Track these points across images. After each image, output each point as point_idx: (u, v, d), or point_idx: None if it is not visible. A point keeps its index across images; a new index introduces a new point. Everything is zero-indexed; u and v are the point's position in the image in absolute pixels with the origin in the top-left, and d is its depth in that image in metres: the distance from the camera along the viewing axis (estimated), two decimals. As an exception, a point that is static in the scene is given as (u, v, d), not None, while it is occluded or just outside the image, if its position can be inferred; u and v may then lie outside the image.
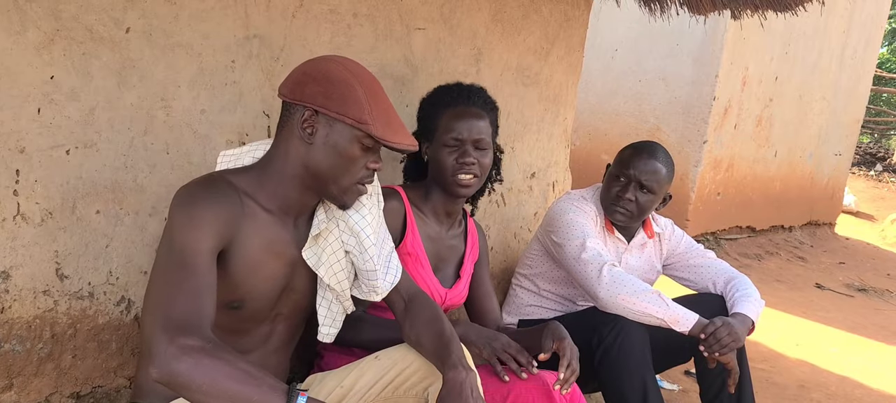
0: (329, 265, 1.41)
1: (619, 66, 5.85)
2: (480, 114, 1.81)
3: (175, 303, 1.14)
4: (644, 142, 2.23)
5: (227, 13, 1.62)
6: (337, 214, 1.42)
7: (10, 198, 1.39)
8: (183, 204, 1.23)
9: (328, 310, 1.46)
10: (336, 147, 1.31)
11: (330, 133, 1.30)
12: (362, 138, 1.31)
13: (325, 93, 1.30)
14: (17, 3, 1.33)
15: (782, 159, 6.63)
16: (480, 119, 1.80)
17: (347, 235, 1.42)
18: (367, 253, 1.42)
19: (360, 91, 1.31)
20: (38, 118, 1.39)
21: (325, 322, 1.46)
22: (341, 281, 1.43)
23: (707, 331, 1.94)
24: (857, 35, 7.17)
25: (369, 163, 1.35)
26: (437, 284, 1.84)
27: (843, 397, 3.21)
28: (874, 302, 5.41)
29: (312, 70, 1.33)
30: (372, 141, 1.32)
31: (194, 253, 1.19)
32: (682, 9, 2.53)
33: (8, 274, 1.41)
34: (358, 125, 1.30)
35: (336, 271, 1.42)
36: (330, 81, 1.31)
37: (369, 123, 1.30)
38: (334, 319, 1.47)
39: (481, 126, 1.80)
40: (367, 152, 1.34)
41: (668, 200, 2.27)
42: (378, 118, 1.31)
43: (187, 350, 1.08)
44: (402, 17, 2.03)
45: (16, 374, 1.46)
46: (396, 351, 1.43)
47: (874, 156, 13.54)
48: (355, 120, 1.29)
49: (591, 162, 5.81)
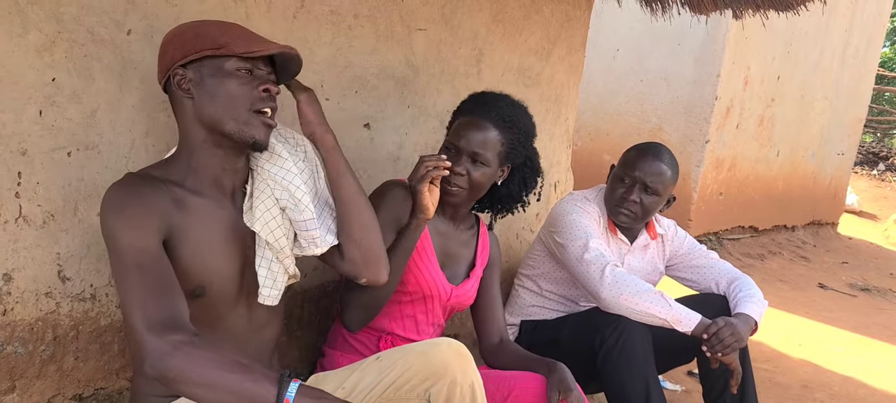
0: (264, 222, 1.39)
1: (621, 66, 5.85)
2: (487, 127, 1.74)
3: (148, 304, 1.17)
4: (649, 144, 2.23)
5: (227, 15, 1.62)
6: (265, 174, 1.42)
7: (12, 200, 1.39)
8: (112, 209, 1.23)
9: (268, 271, 1.43)
10: (214, 86, 1.31)
11: (202, 77, 1.31)
12: (227, 62, 1.31)
13: (179, 45, 1.32)
14: (18, 5, 1.33)
15: (784, 159, 6.62)
16: (484, 131, 1.73)
17: (280, 190, 1.41)
18: (300, 204, 1.41)
19: (210, 26, 1.33)
20: (39, 120, 1.39)
21: (266, 283, 1.43)
22: (278, 238, 1.41)
23: (710, 331, 1.94)
24: (859, 34, 7.16)
25: (260, 85, 1.33)
26: (442, 279, 1.82)
27: (846, 397, 3.20)
28: (877, 301, 5.40)
29: (163, 42, 1.36)
30: (240, 62, 1.31)
31: (142, 252, 1.21)
32: (684, 8, 2.53)
33: (10, 277, 1.41)
34: (217, 52, 1.29)
35: (272, 228, 1.40)
36: (179, 35, 1.34)
37: (228, 43, 1.30)
38: (274, 280, 1.44)
39: (482, 138, 1.73)
40: (246, 77, 1.32)
41: (672, 202, 2.27)
42: (236, 38, 1.31)
43: (177, 345, 1.12)
44: (403, 18, 2.03)
45: (18, 376, 1.46)
46: (397, 352, 1.42)
47: (877, 156, 13.52)
48: (213, 47, 1.29)
49: (592, 162, 5.80)
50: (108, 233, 1.23)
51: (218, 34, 1.32)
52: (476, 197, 1.81)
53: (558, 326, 2.18)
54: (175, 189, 1.32)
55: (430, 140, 2.21)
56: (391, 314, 1.79)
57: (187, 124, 1.35)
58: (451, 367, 1.37)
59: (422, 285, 1.78)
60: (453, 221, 1.88)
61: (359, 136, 2.01)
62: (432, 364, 1.37)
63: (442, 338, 1.44)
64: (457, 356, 1.39)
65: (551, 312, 2.28)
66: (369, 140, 2.04)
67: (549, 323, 2.24)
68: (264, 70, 1.36)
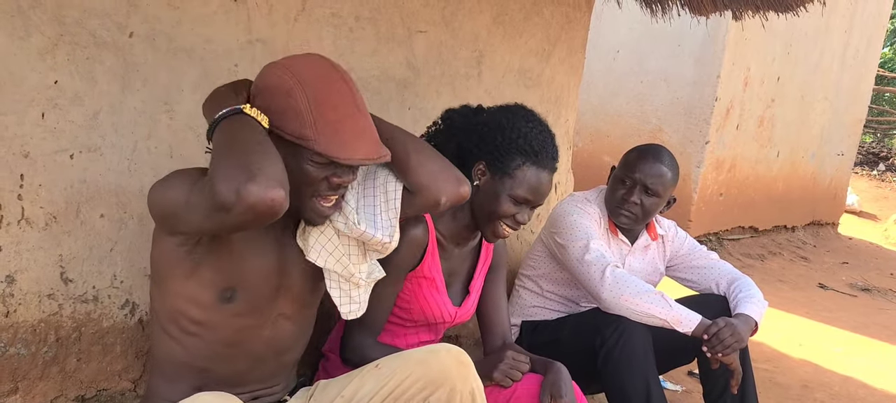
0: (318, 251, 1.37)
1: (621, 67, 5.85)
2: (551, 179, 1.70)
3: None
4: (649, 146, 2.23)
5: (229, 18, 1.63)
6: None
7: (15, 202, 1.40)
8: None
9: (339, 290, 1.43)
10: (288, 155, 1.22)
11: (279, 147, 1.20)
12: (306, 153, 1.23)
13: (267, 107, 1.23)
14: (21, 8, 1.34)
15: (784, 159, 6.62)
16: (549, 184, 1.69)
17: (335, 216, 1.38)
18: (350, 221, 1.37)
19: (303, 100, 1.22)
20: (42, 123, 1.40)
21: (343, 302, 1.43)
22: (337, 261, 1.39)
23: (710, 332, 1.94)
24: (858, 35, 7.16)
25: (331, 178, 1.27)
26: (448, 306, 1.79)
27: (846, 397, 3.20)
28: (878, 301, 5.40)
29: (259, 80, 1.28)
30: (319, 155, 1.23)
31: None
32: (684, 10, 2.54)
33: (13, 278, 1.42)
34: (298, 140, 1.22)
35: (329, 252, 1.38)
36: (270, 92, 1.24)
37: (311, 138, 1.22)
38: (350, 296, 1.44)
39: (546, 190, 1.68)
40: (321, 167, 1.25)
41: (673, 203, 2.27)
42: (323, 130, 1.22)
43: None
44: (403, 20, 2.03)
45: (21, 377, 1.47)
46: (396, 360, 1.41)
47: (877, 156, 13.51)
48: (294, 135, 1.22)
49: (593, 163, 5.80)
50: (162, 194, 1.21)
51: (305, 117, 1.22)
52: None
53: (559, 326, 2.19)
54: None
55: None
56: (395, 333, 1.78)
57: None
58: (450, 375, 1.36)
59: (427, 314, 1.76)
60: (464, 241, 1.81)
61: (360, 138, 2.01)
62: (431, 372, 1.36)
63: (441, 345, 1.42)
64: (456, 363, 1.38)
65: (552, 312, 2.28)
66: (370, 141, 2.04)
67: (549, 323, 2.24)
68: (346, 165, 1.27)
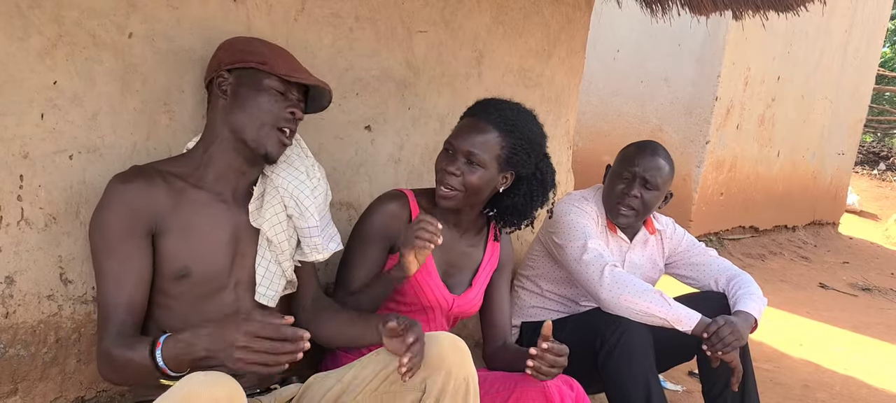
0: (272, 224, 1.49)
1: (621, 67, 5.85)
2: (486, 128, 1.69)
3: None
4: (646, 141, 2.24)
5: (228, 18, 1.63)
6: (278, 182, 1.51)
7: (14, 203, 1.40)
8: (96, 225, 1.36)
9: (266, 270, 1.50)
10: (247, 96, 1.42)
11: (241, 83, 1.43)
12: (266, 78, 1.43)
13: (230, 51, 1.47)
14: (20, 8, 1.34)
15: (785, 159, 6.62)
16: (482, 132, 1.68)
17: (289, 199, 1.51)
18: (306, 212, 1.51)
19: (262, 44, 1.49)
20: (41, 123, 1.40)
21: (263, 282, 1.50)
22: (281, 240, 1.50)
23: (710, 330, 1.94)
24: (859, 34, 7.16)
25: (288, 107, 1.45)
26: (443, 290, 1.79)
27: (847, 397, 3.20)
28: (878, 301, 5.40)
29: (218, 47, 1.51)
30: (277, 80, 1.43)
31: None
32: (684, 9, 2.54)
33: (12, 280, 1.42)
34: (260, 66, 1.43)
35: (278, 230, 1.49)
36: (232, 43, 1.50)
37: (270, 63, 1.43)
38: (271, 281, 1.50)
39: (479, 140, 1.67)
40: (278, 96, 1.44)
41: (670, 198, 2.27)
42: (280, 62, 1.45)
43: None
44: (403, 20, 2.03)
45: (21, 379, 1.47)
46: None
47: (877, 155, 13.51)
48: (257, 62, 1.43)
49: (593, 163, 5.79)
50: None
51: (267, 52, 1.46)
52: (473, 202, 1.74)
53: (559, 327, 2.16)
54: (177, 181, 1.41)
55: (431, 142, 2.22)
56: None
57: (214, 121, 1.46)
58: (447, 360, 1.41)
59: (420, 297, 1.77)
60: (457, 228, 1.83)
61: (359, 138, 2.01)
62: (429, 357, 1.40)
63: (442, 332, 1.46)
64: (454, 349, 1.43)
65: (552, 312, 2.28)
66: (370, 142, 2.05)
67: (549, 323, 2.24)
68: (296, 96, 1.48)
